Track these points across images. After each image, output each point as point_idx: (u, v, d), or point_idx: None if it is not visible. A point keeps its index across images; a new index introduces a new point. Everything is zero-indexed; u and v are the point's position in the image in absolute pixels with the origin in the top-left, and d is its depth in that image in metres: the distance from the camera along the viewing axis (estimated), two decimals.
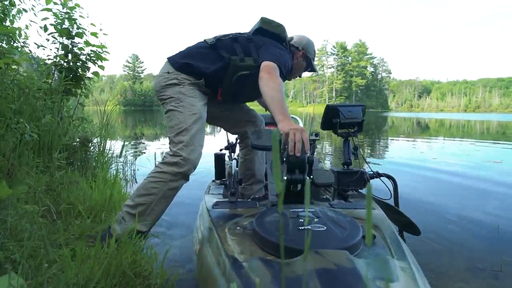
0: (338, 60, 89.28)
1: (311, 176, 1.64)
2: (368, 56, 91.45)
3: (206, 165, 3.13)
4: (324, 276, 0.84)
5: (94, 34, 3.35)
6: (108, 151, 3.38)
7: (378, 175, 2.14)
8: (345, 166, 2.13)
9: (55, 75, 3.29)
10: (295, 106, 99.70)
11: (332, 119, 2.14)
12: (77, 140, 3.26)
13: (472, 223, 2.70)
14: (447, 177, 4.39)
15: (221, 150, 2.76)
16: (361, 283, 0.83)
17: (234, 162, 2.69)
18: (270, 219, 1.28)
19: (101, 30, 3.40)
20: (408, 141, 9.98)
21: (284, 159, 1.52)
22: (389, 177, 2.15)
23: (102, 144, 3.35)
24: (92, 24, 3.34)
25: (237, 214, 1.51)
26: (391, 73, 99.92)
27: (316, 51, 2.32)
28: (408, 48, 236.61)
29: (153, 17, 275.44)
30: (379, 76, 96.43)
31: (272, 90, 1.61)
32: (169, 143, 1.80)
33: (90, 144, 3.30)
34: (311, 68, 2.27)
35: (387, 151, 7.60)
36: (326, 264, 0.89)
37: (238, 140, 2.42)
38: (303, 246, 0.99)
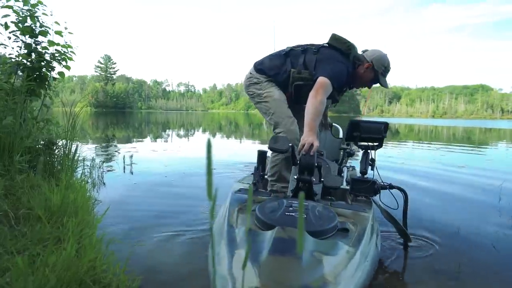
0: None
1: (322, 179, 2.01)
2: None
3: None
4: (276, 241, 1.21)
5: (58, 33, 3.23)
6: (73, 154, 3.27)
7: (390, 187, 2.32)
8: (361, 175, 2.33)
9: (18, 75, 3.16)
10: None
11: (353, 132, 2.36)
12: (41, 142, 3.14)
13: (433, 224, 2.77)
14: (412, 181, 4.50)
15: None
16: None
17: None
18: (269, 204, 1.65)
19: (66, 28, 3.28)
20: None
21: (298, 162, 1.97)
22: (400, 189, 2.32)
23: (67, 147, 3.24)
24: (56, 22, 3.23)
25: (252, 199, 1.74)
26: None
27: (390, 66, 2.47)
28: None
29: (127, 17, 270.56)
30: None
31: (311, 106, 2.08)
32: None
33: (54, 147, 3.18)
34: (380, 82, 2.45)
35: (357, 155, 7.73)
36: (283, 236, 1.25)
37: None
38: (277, 223, 1.39)
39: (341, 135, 3.62)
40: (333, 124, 3.36)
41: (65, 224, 1.81)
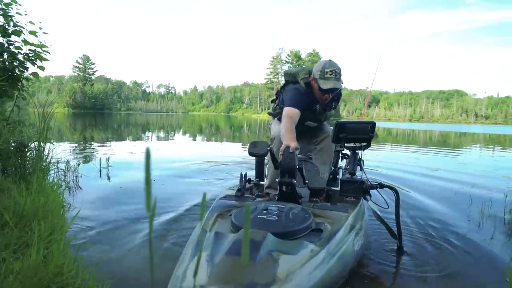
0: (292, 68, 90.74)
1: (306, 181, 2.10)
2: None
3: None
4: (235, 243, 1.27)
5: (33, 33, 3.17)
6: (46, 156, 3.20)
7: (380, 186, 2.35)
8: (350, 176, 2.34)
9: None
10: (250, 112, 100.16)
11: (339, 134, 2.36)
12: (12, 144, 3.06)
13: (403, 227, 2.83)
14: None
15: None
16: (255, 249, 1.22)
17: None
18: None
19: (41, 28, 3.23)
20: None
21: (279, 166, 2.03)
22: (391, 188, 2.34)
23: (40, 149, 3.16)
24: (31, 22, 3.17)
25: (235, 205, 1.95)
26: (342, 83, 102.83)
27: (326, 70, 2.47)
28: (358, 59, 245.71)
29: (106, 18, 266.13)
30: None
31: (282, 128, 2.36)
32: None
33: (26, 149, 3.10)
34: (320, 86, 2.49)
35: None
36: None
37: None
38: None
39: None
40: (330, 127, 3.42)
41: (34, 229, 1.77)
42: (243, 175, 2.41)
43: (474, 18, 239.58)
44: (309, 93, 2.59)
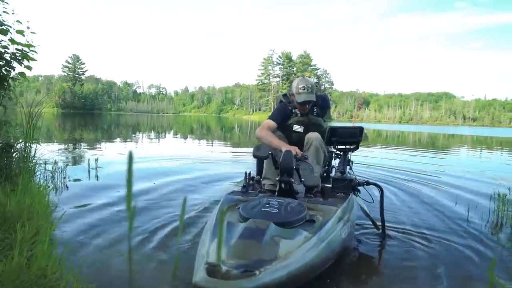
0: (284, 70, 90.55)
1: (302, 179, 2.35)
2: (312, 67, 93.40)
3: None
4: (245, 230, 1.58)
5: (20, 32, 3.12)
6: (32, 157, 3.15)
7: (367, 183, 2.63)
8: (340, 174, 2.64)
9: None
10: (241, 114, 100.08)
11: (332, 137, 2.67)
12: None
13: (390, 224, 2.86)
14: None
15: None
16: (261, 234, 1.54)
17: None
18: (252, 203, 1.98)
19: (28, 28, 3.18)
20: None
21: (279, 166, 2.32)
22: (376, 185, 2.64)
23: (26, 150, 3.12)
24: (18, 21, 3.12)
25: (241, 199, 2.23)
26: (333, 85, 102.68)
27: (298, 86, 2.88)
28: (349, 61, 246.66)
29: (97, 17, 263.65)
30: (322, 87, 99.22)
31: (267, 137, 2.77)
32: None
33: (12, 150, 3.06)
34: (298, 101, 2.89)
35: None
36: (252, 226, 1.62)
37: None
38: (253, 217, 1.74)
39: None
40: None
41: (18, 230, 1.75)
42: (248, 173, 2.76)
43: (463, 21, 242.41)
44: (289, 103, 3.04)
